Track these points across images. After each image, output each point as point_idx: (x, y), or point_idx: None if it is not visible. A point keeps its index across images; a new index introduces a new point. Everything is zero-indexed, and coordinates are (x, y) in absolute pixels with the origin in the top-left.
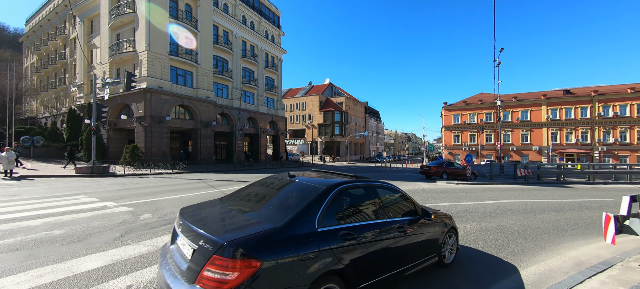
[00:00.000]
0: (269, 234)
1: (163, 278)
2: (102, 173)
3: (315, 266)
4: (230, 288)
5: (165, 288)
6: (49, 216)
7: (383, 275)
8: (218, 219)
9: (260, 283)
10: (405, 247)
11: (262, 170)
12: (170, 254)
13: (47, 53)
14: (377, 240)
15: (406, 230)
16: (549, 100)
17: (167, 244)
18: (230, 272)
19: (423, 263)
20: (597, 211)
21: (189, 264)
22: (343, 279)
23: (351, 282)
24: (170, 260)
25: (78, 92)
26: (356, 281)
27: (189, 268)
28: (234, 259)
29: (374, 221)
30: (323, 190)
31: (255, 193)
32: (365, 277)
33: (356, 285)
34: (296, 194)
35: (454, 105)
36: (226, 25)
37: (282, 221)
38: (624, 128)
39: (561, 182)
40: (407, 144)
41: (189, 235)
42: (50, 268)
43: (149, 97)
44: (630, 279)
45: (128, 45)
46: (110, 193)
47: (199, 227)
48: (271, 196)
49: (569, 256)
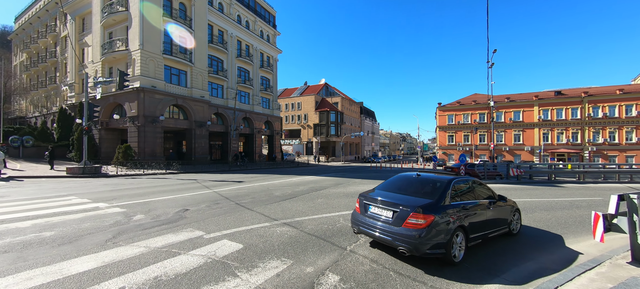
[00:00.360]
0: (433, 204)
1: (375, 225)
2: (93, 174)
3: (453, 220)
4: (421, 228)
5: (378, 231)
6: (38, 218)
7: (480, 233)
8: (398, 197)
9: (433, 226)
10: (490, 218)
11: (258, 170)
12: (371, 217)
13: (37, 52)
14: (476, 212)
15: (490, 207)
16: (541, 101)
17: (357, 214)
18: (421, 219)
19: (499, 231)
20: (587, 210)
21: (394, 219)
22: (464, 231)
23: (467, 233)
24: (374, 219)
25: (69, 91)
26: (469, 233)
27: (395, 221)
28: (423, 214)
29: (473, 201)
30: (447, 181)
31: (401, 185)
32: (472, 232)
33: (469, 236)
34: (431, 184)
35: (448, 106)
36: (221, 24)
37: (434, 198)
38: (612, 128)
39: (552, 182)
40: (402, 144)
41: (388, 206)
42: (40, 270)
43: (142, 97)
44: (618, 276)
45: (121, 43)
46: (102, 194)
47: (396, 201)
48: (416, 186)
49: (560, 254)
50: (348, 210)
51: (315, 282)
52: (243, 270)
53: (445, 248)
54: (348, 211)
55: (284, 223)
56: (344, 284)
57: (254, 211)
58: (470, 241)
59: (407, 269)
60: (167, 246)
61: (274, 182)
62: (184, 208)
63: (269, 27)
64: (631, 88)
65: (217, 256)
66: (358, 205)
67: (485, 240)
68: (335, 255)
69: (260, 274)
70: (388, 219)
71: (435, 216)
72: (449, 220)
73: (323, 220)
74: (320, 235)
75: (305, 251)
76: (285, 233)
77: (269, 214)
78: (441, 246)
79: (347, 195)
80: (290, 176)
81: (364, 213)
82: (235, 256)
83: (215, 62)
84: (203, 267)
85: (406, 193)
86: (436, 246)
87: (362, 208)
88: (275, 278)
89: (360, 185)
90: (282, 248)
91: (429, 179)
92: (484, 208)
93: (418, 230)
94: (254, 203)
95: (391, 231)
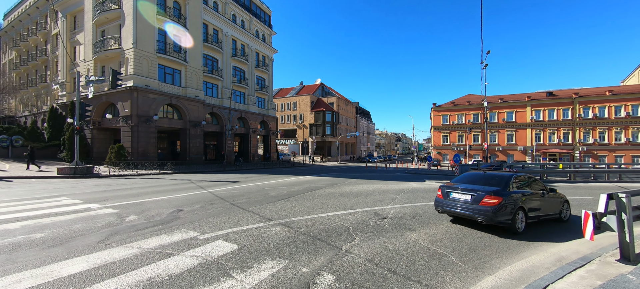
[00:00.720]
0: (500, 190)
1: (456, 205)
2: (85, 174)
3: (514, 201)
4: (493, 205)
5: (459, 208)
6: (28, 219)
7: (535, 214)
8: (473, 186)
9: (501, 205)
10: (543, 205)
11: (253, 170)
12: (452, 200)
13: (26, 49)
14: (532, 198)
15: (543, 195)
16: (533, 102)
17: (439, 199)
18: (494, 200)
19: (551, 216)
20: (577, 209)
21: (472, 200)
22: (523, 211)
23: (526, 213)
24: (455, 201)
25: (60, 90)
26: (527, 213)
27: (474, 201)
28: (495, 196)
29: (530, 191)
30: (509, 176)
31: (472, 179)
32: (530, 213)
33: (528, 215)
34: (498, 178)
35: (443, 106)
36: (216, 23)
37: (501, 186)
38: (602, 129)
39: (544, 181)
40: (397, 144)
41: (467, 191)
42: (30, 272)
43: (135, 96)
44: (607, 274)
45: (113, 42)
46: (94, 195)
47: (474, 188)
48: (484, 179)
49: (551, 252)
50: (344, 210)
51: (311, 282)
52: (238, 271)
53: (511, 220)
54: (343, 211)
55: (280, 223)
56: (339, 284)
57: (249, 212)
58: (529, 219)
59: (401, 269)
60: (160, 247)
61: (270, 182)
62: (178, 208)
63: (264, 26)
64: (620, 89)
65: (211, 257)
66: (440, 193)
67: (540, 221)
68: (330, 255)
69: (255, 274)
70: (467, 200)
71: (503, 198)
72: (512, 202)
73: (319, 220)
74: (316, 234)
75: (300, 251)
76: (280, 233)
77: (265, 214)
78: (508, 219)
79: (343, 195)
80: (286, 177)
81: (445, 198)
82: (230, 257)
83: (210, 61)
84: (197, 268)
85: (477, 183)
86: (504, 218)
87: (444, 195)
88: (271, 279)
89: (356, 185)
90: (278, 248)
91: (494, 174)
92: (538, 197)
93: (492, 207)
94: (249, 203)
95: (471, 208)
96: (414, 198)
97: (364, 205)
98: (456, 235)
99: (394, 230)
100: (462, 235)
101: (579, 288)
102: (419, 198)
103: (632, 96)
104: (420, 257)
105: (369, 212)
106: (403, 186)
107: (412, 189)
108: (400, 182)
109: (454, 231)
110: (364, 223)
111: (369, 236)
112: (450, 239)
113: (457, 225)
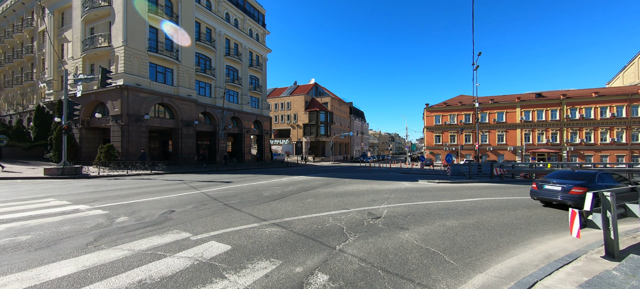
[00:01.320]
0: (585, 183)
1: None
2: (74, 175)
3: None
4: (580, 194)
5: (552, 197)
6: (13, 221)
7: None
8: (563, 181)
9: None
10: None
11: (246, 170)
12: (545, 191)
13: (12, 46)
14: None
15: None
16: (523, 103)
17: (534, 190)
18: (579, 190)
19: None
20: (565, 208)
21: (563, 191)
22: None
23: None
24: (548, 192)
25: (47, 88)
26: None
27: (564, 191)
28: (580, 187)
29: (613, 183)
30: (593, 172)
31: (561, 175)
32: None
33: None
34: (584, 174)
35: (435, 107)
36: (209, 22)
37: (586, 180)
38: (588, 129)
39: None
40: (390, 144)
41: (558, 184)
42: (15, 276)
43: (126, 95)
44: (593, 270)
45: (103, 39)
46: (83, 196)
47: (564, 182)
48: (572, 175)
49: (540, 250)
50: (337, 210)
51: (304, 282)
52: (231, 272)
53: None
54: (337, 211)
55: (273, 223)
56: (333, 284)
57: (243, 212)
58: None
59: (395, 267)
60: (152, 248)
61: (263, 182)
62: (170, 209)
63: (258, 25)
64: (606, 91)
65: (204, 258)
66: (535, 185)
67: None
68: (324, 255)
69: (249, 275)
70: (558, 191)
71: (587, 189)
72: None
73: (312, 220)
74: (310, 234)
75: (294, 252)
76: (274, 234)
77: (258, 214)
78: None
79: (337, 194)
80: (280, 177)
81: (540, 189)
82: (223, 258)
83: (203, 60)
84: (190, 269)
85: (566, 179)
86: None
87: (539, 187)
88: (264, 279)
89: (350, 185)
90: (271, 249)
91: (581, 172)
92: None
93: (579, 195)
94: (242, 203)
95: (563, 196)
96: (407, 197)
97: (357, 205)
98: (448, 233)
99: (388, 229)
100: (454, 233)
101: (566, 284)
102: (412, 197)
103: (617, 97)
104: (413, 256)
105: (363, 212)
106: (396, 186)
107: (405, 188)
108: (393, 182)
109: (446, 230)
110: (358, 223)
111: (362, 236)
112: (443, 238)
113: (449, 223)
